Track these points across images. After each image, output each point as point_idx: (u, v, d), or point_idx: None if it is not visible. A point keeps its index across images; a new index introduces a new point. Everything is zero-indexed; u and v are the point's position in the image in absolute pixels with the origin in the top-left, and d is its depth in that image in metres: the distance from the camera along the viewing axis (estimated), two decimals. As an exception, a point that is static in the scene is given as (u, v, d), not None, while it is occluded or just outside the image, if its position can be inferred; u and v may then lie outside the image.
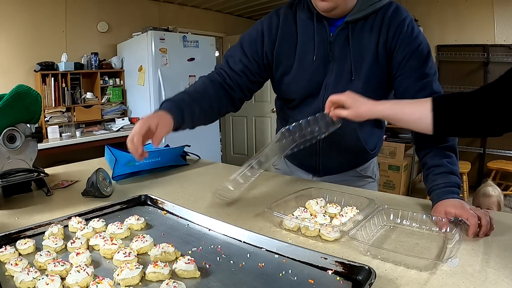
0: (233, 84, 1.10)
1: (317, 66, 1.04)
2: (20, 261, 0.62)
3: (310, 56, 1.04)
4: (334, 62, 1.03)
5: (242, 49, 1.11)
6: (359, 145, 1.13)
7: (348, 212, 0.83)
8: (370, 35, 0.99)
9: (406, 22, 0.97)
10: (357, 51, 1.00)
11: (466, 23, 4.19)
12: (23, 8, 3.40)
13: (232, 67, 1.10)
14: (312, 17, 1.04)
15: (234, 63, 1.10)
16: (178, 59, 3.78)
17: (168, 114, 0.93)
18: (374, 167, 1.27)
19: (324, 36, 1.03)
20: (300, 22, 1.06)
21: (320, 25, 1.03)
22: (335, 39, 1.02)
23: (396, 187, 4.11)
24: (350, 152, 1.15)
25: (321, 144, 1.14)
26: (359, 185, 1.21)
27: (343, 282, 0.59)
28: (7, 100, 1.01)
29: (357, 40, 1.00)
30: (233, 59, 1.11)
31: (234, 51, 1.13)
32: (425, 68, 0.96)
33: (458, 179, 0.86)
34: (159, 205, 0.95)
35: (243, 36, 1.14)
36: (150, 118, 0.89)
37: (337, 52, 1.02)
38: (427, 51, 0.98)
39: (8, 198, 1.07)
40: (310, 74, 1.06)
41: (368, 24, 1.00)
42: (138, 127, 0.85)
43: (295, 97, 1.12)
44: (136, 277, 0.59)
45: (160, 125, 0.88)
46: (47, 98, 3.43)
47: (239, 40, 1.14)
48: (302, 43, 1.05)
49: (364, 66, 1.01)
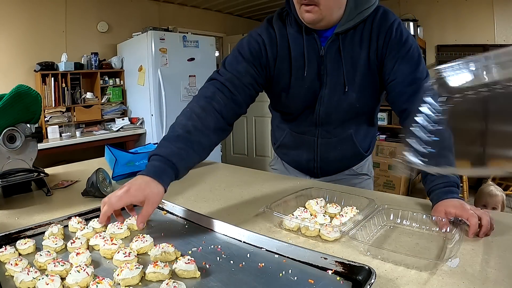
0: (240, 99, 0.99)
1: (312, 80, 1.03)
2: (20, 261, 0.62)
3: (302, 71, 1.03)
4: (327, 75, 1.02)
5: (244, 60, 1.01)
6: (355, 149, 1.16)
7: (348, 212, 0.83)
8: (361, 45, 0.99)
9: (394, 26, 0.97)
10: (349, 62, 1.00)
11: (466, 23, 4.19)
12: (23, 8, 3.40)
13: (240, 79, 1.00)
14: (300, 31, 1.01)
15: (241, 75, 1.00)
16: (178, 59, 3.78)
17: (158, 183, 0.77)
18: (369, 165, 1.29)
19: (315, 49, 1.01)
20: (290, 37, 1.03)
21: (309, 38, 1.00)
22: (326, 52, 1.00)
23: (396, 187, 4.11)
24: (346, 156, 1.19)
25: (318, 150, 1.16)
26: (355, 182, 1.23)
27: (343, 282, 0.59)
28: (7, 100, 1.01)
29: (348, 51, 0.99)
30: (237, 71, 1.00)
31: (236, 64, 1.02)
32: (417, 73, 0.96)
33: (456, 178, 0.86)
34: (159, 205, 0.95)
35: (241, 47, 1.04)
36: (134, 192, 0.73)
37: (329, 65, 1.01)
38: (418, 54, 0.98)
39: (8, 198, 1.07)
40: (306, 89, 1.05)
41: (358, 34, 0.98)
42: (117, 201, 0.72)
43: (293, 111, 1.13)
44: (136, 277, 0.59)
45: (147, 203, 0.74)
46: (47, 98, 3.43)
47: (236, 52, 1.04)
48: (295, 59, 1.03)
49: (357, 77, 1.01)
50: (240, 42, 1.07)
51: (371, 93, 1.05)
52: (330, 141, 1.14)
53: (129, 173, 1.27)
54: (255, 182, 1.21)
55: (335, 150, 1.15)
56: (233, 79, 0.99)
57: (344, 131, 1.12)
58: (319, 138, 1.14)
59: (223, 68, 1.03)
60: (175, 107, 3.79)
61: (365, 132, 1.17)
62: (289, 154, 1.27)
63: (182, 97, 3.85)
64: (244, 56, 1.02)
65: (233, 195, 1.08)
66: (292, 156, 1.26)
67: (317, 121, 1.10)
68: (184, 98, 3.87)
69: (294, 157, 1.25)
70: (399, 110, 1.00)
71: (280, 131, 1.24)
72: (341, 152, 1.15)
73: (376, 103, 1.12)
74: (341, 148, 1.14)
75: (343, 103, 1.04)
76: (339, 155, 1.16)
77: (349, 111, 1.07)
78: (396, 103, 1.00)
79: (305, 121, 1.12)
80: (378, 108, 1.18)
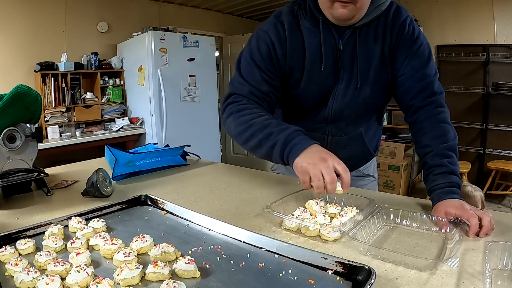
0: (267, 109, 1.01)
1: (327, 75, 1.01)
2: (20, 261, 0.62)
3: (318, 66, 1.00)
4: (344, 70, 1.00)
5: (258, 66, 1.00)
6: (364, 147, 1.15)
7: (348, 212, 0.83)
8: (375, 40, 0.98)
9: (407, 23, 0.97)
10: (363, 57, 0.99)
11: (466, 23, 4.19)
12: (23, 8, 3.40)
13: (259, 88, 0.99)
14: (317, 24, 0.98)
15: (258, 83, 0.99)
16: (178, 59, 3.78)
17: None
18: (374, 166, 1.28)
19: (333, 43, 0.98)
20: (304, 30, 1.00)
21: (326, 32, 0.98)
22: (344, 46, 0.98)
23: (396, 187, 4.11)
24: (355, 155, 1.17)
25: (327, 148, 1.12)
26: (361, 184, 1.22)
27: (343, 282, 0.59)
28: (7, 100, 1.01)
29: (363, 46, 0.98)
30: (255, 79, 1.00)
31: (250, 71, 1.01)
32: (426, 69, 0.96)
33: (458, 179, 0.86)
34: (159, 205, 0.95)
35: (251, 52, 1.02)
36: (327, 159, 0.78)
37: (347, 60, 0.99)
38: (428, 51, 0.98)
39: (8, 198, 1.07)
40: (320, 84, 1.02)
41: (372, 29, 0.98)
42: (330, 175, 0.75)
43: (303, 108, 1.09)
44: (136, 277, 0.59)
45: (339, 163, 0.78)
46: (47, 98, 3.43)
47: (248, 58, 1.02)
48: (310, 53, 0.99)
49: (371, 72, 1.00)
50: (249, 45, 1.04)
51: (384, 88, 1.04)
52: (340, 139, 1.11)
53: (129, 173, 1.27)
54: (255, 182, 1.21)
55: (345, 148, 1.12)
56: (253, 91, 0.99)
57: (355, 128, 1.10)
58: (329, 135, 1.10)
59: (240, 78, 1.02)
60: (175, 107, 3.79)
61: (374, 131, 1.17)
62: None
63: (182, 97, 3.85)
64: (256, 61, 1.00)
65: (233, 195, 1.08)
66: None
67: (329, 117, 1.07)
68: (184, 98, 3.87)
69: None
70: (405, 105, 1.00)
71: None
72: (350, 150, 1.13)
73: (387, 100, 1.11)
74: (351, 147, 1.12)
75: (357, 99, 1.03)
76: (348, 154, 1.14)
77: (363, 107, 1.05)
78: (403, 98, 1.00)
79: (316, 117, 1.08)
80: (386, 107, 1.18)
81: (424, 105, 0.96)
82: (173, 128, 3.74)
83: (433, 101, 0.95)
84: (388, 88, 1.05)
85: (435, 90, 0.95)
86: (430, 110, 0.95)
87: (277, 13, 1.04)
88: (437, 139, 0.90)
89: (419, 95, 0.95)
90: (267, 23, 1.03)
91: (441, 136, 0.91)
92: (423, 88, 0.95)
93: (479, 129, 4.26)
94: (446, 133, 0.91)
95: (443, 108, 0.96)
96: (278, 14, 1.03)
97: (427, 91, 0.95)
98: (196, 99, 3.99)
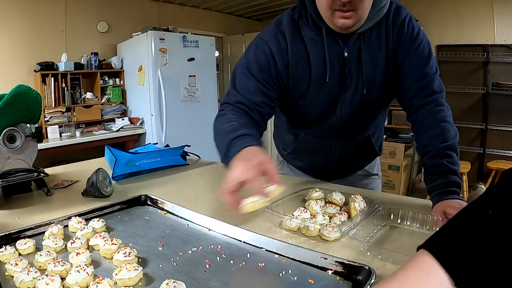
0: (257, 118, 0.97)
1: (334, 84, 0.99)
2: (20, 261, 0.62)
3: (324, 75, 0.98)
4: (351, 77, 0.99)
5: (254, 77, 0.97)
6: (371, 148, 1.16)
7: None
8: (379, 43, 0.97)
9: (406, 21, 0.97)
10: (369, 62, 0.98)
11: (466, 23, 4.18)
12: (23, 8, 3.40)
13: (250, 99, 0.97)
14: (320, 33, 0.96)
15: (251, 94, 0.97)
16: (178, 59, 3.78)
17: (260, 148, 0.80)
18: (378, 164, 1.30)
19: (338, 51, 0.97)
20: (307, 40, 0.97)
21: (331, 40, 0.96)
22: (350, 53, 0.97)
23: (396, 187, 4.11)
24: (362, 157, 1.18)
25: (336, 153, 1.13)
26: (366, 183, 1.23)
27: (343, 282, 0.59)
28: (7, 100, 1.01)
29: (368, 51, 0.97)
30: (248, 90, 0.97)
31: (244, 81, 0.98)
32: (427, 68, 0.96)
33: (458, 178, 0.86)
34: (159, 205, 0.95)
35: (248, 62, 0.99)
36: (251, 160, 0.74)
37: (353, 66, 0.98)
38: (428, 49, 0.97)
39: (8, 198, 1.07)
40: (327, 93, 1.00)
41: (374, 32, 0.97)
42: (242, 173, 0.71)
43: (312, 118, 1.07)
44: (133, 279, 0.58)
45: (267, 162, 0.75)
46: (47, 98, 3.43)
47: (244, 68, 0.99)
48: (315, 63, 0.97)
49: (377, 77, 0.99)
50: (246, 55, 1.01)
51: (390, 91, 1.03)
52: (348, 144, 1.11)
53: (129, 173, 1.27)
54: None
55: (352, 152, 1.12)
56: (243, 101, 0.97)
57: (362, 133, 1.11)
58: (337, 141, 1.10)
59: (234, 89, 0.99)
60: (175, 107, 3.79)
61: (379, 131, 1.18)
62: (302, 159, 1.22)
63: (182, 97, 3.85)
64: (252, 72, 0.98)
65: (233, 195, 1.08)
66: (306, 161, 1.22)
67: (337, 124, 1.06)
68: (184, 98, 3.87)
69: (308, 162, 1.21)
70: (406, 105, 1.00)
71: (291, 135, 1.17)
72: (357, 153, 1.14)
73: (393, 99, 1.10)
74: (359, 150, 1.13)
75: (364, 104, 1.02)
76: (356, 157, 1.16)
77: (370, 111, 1.06)
78: (404, 98, 1.00)
79: (323, 125, 1.07)
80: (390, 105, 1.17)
81: (424, 104, 0.96)
82: (173, 128, 3.74)
83: (433, 100, 0.95)
84: (392, 91, 1.05)
85: (434, 89, 0.95)
86: (429, 109, 0.95)
87: (277, 22, 1.01)
88: (436, 139, 0.90)
89: (418, 95, 0.95)
90: (267, 32, 1.01)
91: (440, 135, 0.91)
92: (422, 87, 0.95)
93: (479, 129, 4.26)
94: (445, 132, 0.91)
95: (442, 107, 0.95)
96: (278, 23, 1.01)
97: (426, 90, 0.95)
98: (196, 99, 3.99)
